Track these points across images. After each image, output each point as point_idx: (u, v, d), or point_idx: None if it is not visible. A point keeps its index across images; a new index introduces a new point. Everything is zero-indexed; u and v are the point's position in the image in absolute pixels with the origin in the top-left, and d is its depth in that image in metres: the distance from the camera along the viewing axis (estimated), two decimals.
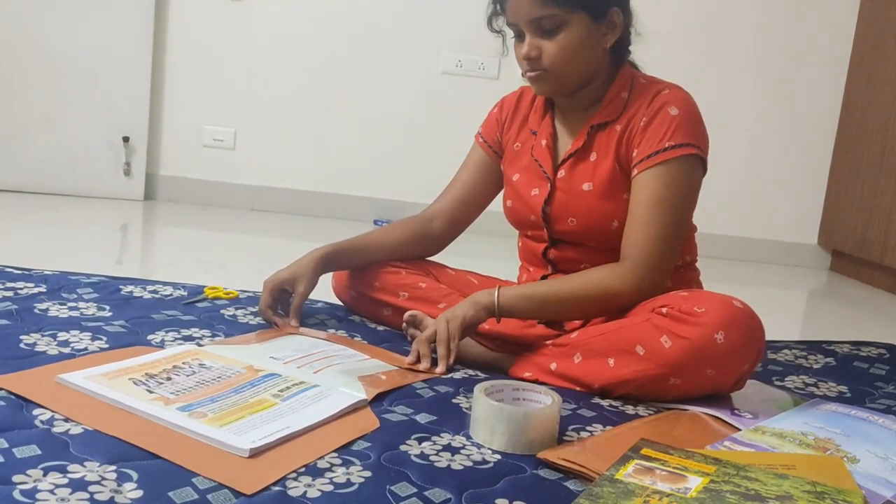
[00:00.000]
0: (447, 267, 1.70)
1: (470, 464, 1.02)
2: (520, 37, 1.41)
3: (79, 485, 0.86)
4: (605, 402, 1.30)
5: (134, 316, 1.51)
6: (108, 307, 1.55)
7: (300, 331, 1.51)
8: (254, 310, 1.64)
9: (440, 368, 1.35)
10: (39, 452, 0.92)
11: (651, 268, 1.35)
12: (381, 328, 1.62)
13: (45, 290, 1.62)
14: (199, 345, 1.37)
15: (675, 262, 1.43)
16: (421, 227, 1.67)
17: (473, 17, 1.49)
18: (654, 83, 1.45)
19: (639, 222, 1.36)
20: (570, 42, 1.37)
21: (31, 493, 0.83)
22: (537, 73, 1.40)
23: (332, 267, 1.59)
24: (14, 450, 0.92)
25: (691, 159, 1.38)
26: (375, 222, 3.20)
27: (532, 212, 1.51)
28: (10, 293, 1.57)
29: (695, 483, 0.94)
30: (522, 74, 1.43)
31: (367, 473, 0.96)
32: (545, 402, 1.14)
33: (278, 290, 1.54)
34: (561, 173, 1.48)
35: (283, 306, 1.57)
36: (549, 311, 1.39)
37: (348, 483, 0.93)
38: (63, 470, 0.89)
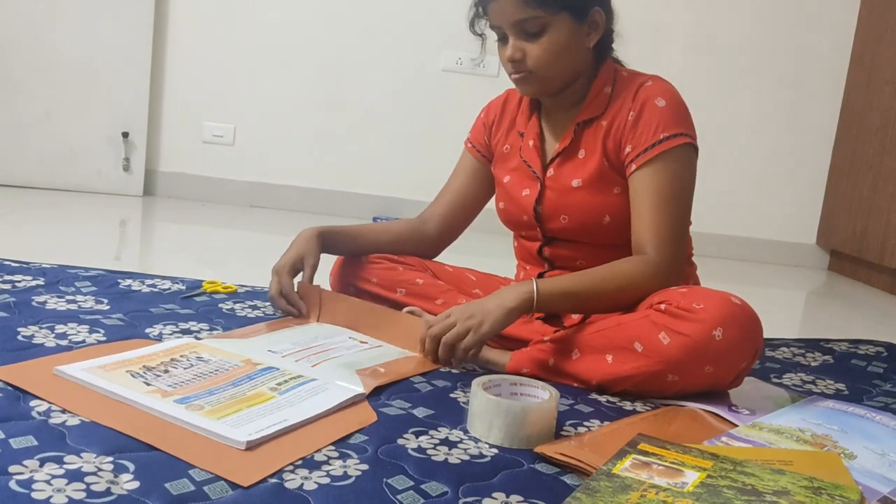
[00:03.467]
0: (445, 264, 1.70)
1: (467, 458, 1.02)
2: (503, 39, 1.41)
3: (75, 475, 0.86)
4: (602, 398, 1.30)
5: (132, 309, 1.51)
6: (105, 300, 1.55)
7: (320, 321, 1.53)
8: (252, 303, 1.64)
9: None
10: (36, 443, 0.92)
11: (672, 258, 1.36)
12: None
13: (43, 283, 1.62)
14: (197, 338, 1.36)
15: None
16: (415, 227, 1.68)
17: None
18: (637, 76, 1.45)
19: (649, 217, 1.36)
20: (553, 44, 1.37)
21: (27, 484, 0.83)
22: (522, 75, 1.41)
23: (325, 247, 1.59)
24: (10, 440, 0.92)
25: (686, 148, 1.39)
26: (374, 219, 3.20)
27: (524, 212, 1.51)
28: (7, 286, 1.57)
29: (692, 478, 0.94)
30: (509, 76, 1.44)
31: (364, 466, 0.96)
32: (543, 397, 1.14)
33: (293, 271, 1.55)
34: (550, 172, 1.48)
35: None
36: (584, 305, 1.37)
37: (345, 476, 0.93)
38: (59, 461, 0.89)
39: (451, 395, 1.24)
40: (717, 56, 3.27)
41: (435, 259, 1.72)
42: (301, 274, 1.56)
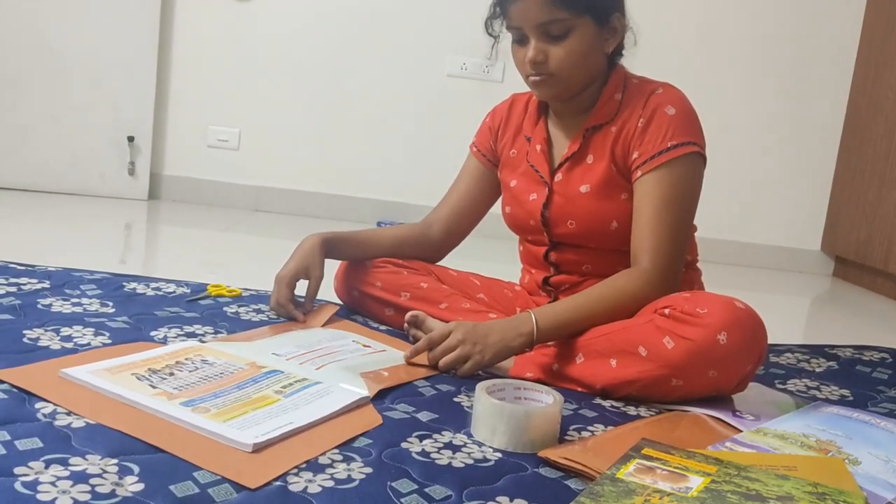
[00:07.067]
0: (449, 269, 1.71)
1: (471, 461, 1.02)
2: (521, 41, 1.40)
3: (80, 477, 0.86)
4: (606, 403, 1.30)
5: (137, 312, 1.51)
6: (111, 303, 1.55)
7: (318, 324, 1.55)
8: (257, 307, 1.64)
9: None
10: (41, 445, 0.92)
11: (668, 267, 1.36)
12: (382, 328, 1.62)
13: (48, 286, 1.62)
14: (202, 341, 1.37)
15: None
16: (419, 231, 1.69)
17: (478, 20, 1.49)
18: (647, 83, 1.45)
19: (649, 224, 1.37)
20: (576, 47, 1.37)
21: (32, 485, 0.83)
22: (542, 78, 1.40)
23: (330, 254, 1.60)
24: (16, 442, 0.92)
25: (693, 157, 1.39)
26: (379, 223, 3.21)
27: (531, 217, 1.51)
28: (13, 288, 1.58)
29: (696, 483, 0.94)
30: (525, 79, 1.43)
31: (368, 470, 0.96)
32: (546, 402, 1.14)
33: (294, 282, 1.56)
34: (558, 177, 1.48)
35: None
36: (583, 330, 1.36)
37: (349, 479, 0.93)
38: (65, 462, 0.89)
39: (455, 400, 1.24)
40: (721, 62, 3.27)
41: (439, 263, 1.72)
42: (304, 281, 1.57)
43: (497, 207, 1.67)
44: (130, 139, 3.14)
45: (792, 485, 0.95)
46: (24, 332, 1.32)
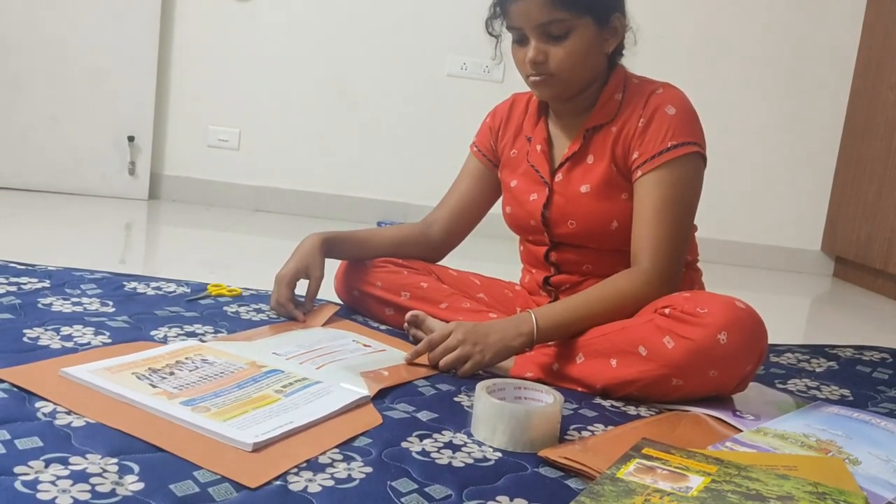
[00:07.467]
0: (449, 268, 1.71)
1: (471, 461, 1.02)
2: (521, 41, 1.40)
3: (80, 476, 0.86)
4: (606, 403, 1.30)
5: (137, 312, 1.51)
6: (111, 303, 1.55)
7: (318, 324, 1.55)
8: (257, 307, 1.64)
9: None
10: (41, 444, 0.92)
11: (668, 267, 1.36)
12: (383, 328, 1.62)
13: (48, 286, 1.62)
14: (202, 341, 1.37)
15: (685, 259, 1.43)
16: (419, 231, 1.69)
17: (478, 20, 1.49)
18: (647, 83, 1.45)
19: (649, 224, 1.37)
20: (576, 47, 1.37)
21: (32, 485, 0.83)
22: (542, 78, 1.40)
23: (331, 254, 1.60)
24: (16, 441, 0.92)
25: (694, 157, 1.39)
26: (379, 223, 3.21)
27: (531, 217, 1.51)
28: (13, 288, 1.58)
29: (696, 482, 0.94)
30: (525, 78, 1.43)
31: (368, 469, 0.96)
32: (547, 401, 1.14)
33: (295, 281, 1.56)
34: (558, 177, 1.48)
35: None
36: (583, 330, 1.36)
37: (349, 478, 0.93)
38: (65, 462, 0.89)
39: (455, 399, 1.24)
40: (720, 62, 3.27)
41: (439, 263, 1.72)
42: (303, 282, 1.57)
43: (497, 207, 1.67)
44: (130, 139, 3.14)
45: (792, 485, 0.95)
46: (25, 331, 1.32)
